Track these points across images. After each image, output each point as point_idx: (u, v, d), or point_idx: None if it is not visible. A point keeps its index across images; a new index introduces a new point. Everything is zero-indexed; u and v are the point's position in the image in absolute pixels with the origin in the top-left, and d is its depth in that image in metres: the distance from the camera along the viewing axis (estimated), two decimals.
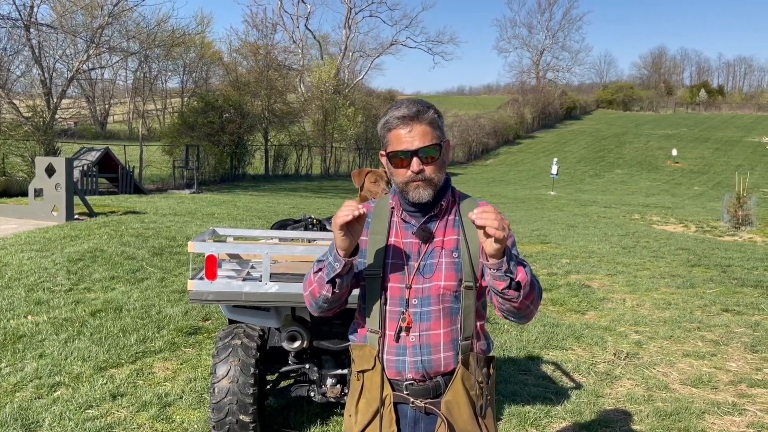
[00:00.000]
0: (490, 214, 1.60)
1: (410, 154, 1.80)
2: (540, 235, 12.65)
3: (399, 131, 1.81)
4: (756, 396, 4.59)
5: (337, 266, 1.81)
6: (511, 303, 1.75)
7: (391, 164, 1.86)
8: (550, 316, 6.61)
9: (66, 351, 4.95)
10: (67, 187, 11.63)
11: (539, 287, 1.84)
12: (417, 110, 1.81)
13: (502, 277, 1.69)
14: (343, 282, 1.85)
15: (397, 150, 1.82)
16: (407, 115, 1.81)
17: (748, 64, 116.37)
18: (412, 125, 1.80)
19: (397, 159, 1.83)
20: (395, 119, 1.82)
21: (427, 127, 1.81)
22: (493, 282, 1.73)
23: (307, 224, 4.43)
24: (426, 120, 1.82)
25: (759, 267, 9.32)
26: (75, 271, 7.41)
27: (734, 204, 14.95)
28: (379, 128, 1.89)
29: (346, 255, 1.80)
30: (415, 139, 1.80)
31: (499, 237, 1.59)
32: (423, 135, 1.80)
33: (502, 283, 1.70)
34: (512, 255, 1.71)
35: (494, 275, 1.71)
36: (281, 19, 49.90)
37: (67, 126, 31.85)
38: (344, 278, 1.84)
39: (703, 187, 34.84)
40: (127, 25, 25.61)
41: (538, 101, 66.95)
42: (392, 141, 1.83)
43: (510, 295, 1.72)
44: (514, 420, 4.06)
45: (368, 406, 1.91)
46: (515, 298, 1.73)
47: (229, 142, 27.95)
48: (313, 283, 1.91)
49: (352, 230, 1.76)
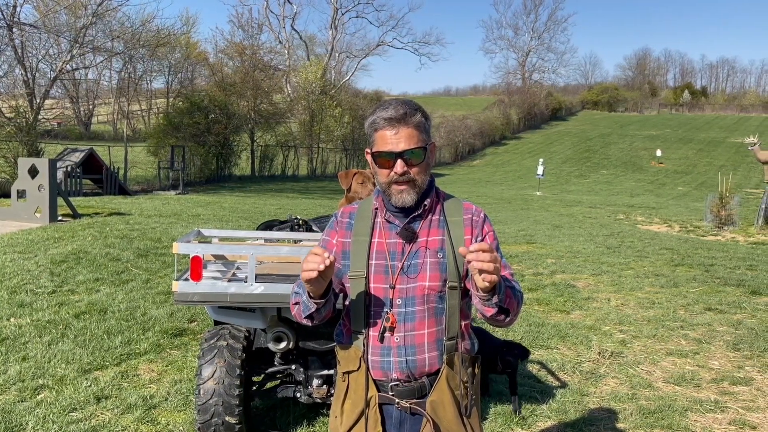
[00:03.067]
0: (486, 255, 1.58)
1: (395, 156, 1.81)
2: (526, 235, 12.71)
3: (385, 132, 1.82)
4: (738, 393, 4.64)
5: (311, 306, 1.83)
6: (496, 322, 1.81)
7: (375, 164, 1.87)
8: (535, 315, 6.65)
9: (49, 353, 4.91)
10: (51, 189, 11.52)
11: (521, 294, 1.87)
12: (404, 112, 1.82)
13: (491, 305, 1.73)
14: (321, 313, 1.87)
15: (381, 150, 1.83)
16: (394, 117, 1.81)
17: (731, 66, 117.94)
18: (398, 127, 1.81)
19: (381, 159, 1.84)
20: (382, 120, 1.82)
21: (413, 130, 1.82)
22: (481, 307, 1.77)
23: (293, 225, 4.43)
24: (413, 123, 1.83)
25: (741, 266, 9.43)
26: (58, 273, 7.35)
27: (717, 204, 15.10)
28: (366, 127, 1.90)
29: (319, 297, 1.81)
30: (400, 142, 1.81)
31: (493, 281, 1.61)
32: (408, 138, 1.81)
33: (491, 310, 1.74)
34: (502, 286, 1.71)
35: (483, 302, 1.74)
36: (267, 19, 49.88)
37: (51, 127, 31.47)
38: (321, 310, 1.86)
39: (686, 187, 35.18)
40: (111, 25, 25.43)
41: (524, 102, 67.30)
42: (378, 141, 1.84)
43: (498, 318, 1.78)
44: (500, 419, 4.08)
45: (354, 407, 1.91)
46: (502, 321, 1.80)
47: (214, 143, 27.85)
48: (294, 309, 1.94)
49: (323, 276, 1.72)
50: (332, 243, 1.97)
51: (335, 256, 1.92)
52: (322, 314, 1.88)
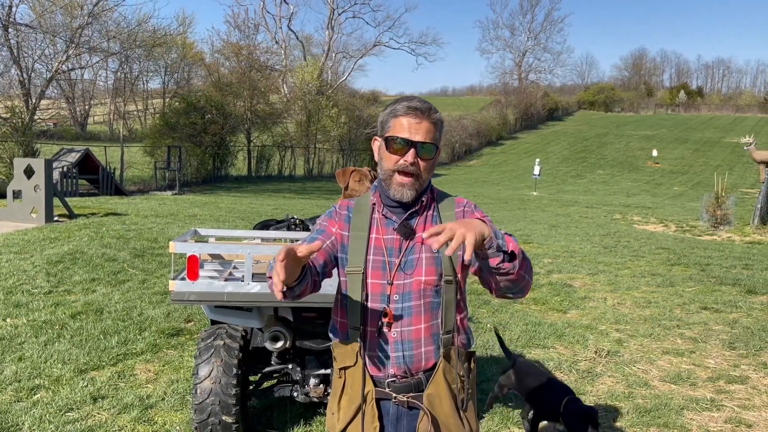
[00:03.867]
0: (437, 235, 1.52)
1: (410, 144, 1.83)
2: (522, 235, 12.73)
3: (405, 120, 1.84)
4: (734, 392, 4.66)
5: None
6: (507, 277, 1.70)
7: (386, 148, 1.87)
8: (532, 315, 6.66)
9: (46, 354, 4.90)
10: (47, 189, 11.50)
11: (527, 256, 1.81)
12: (429, 107, 1.86)
13: (494, 254, 1.64)
14: (294, 291, 1.77)
15: (397, 136, 1.84)
16: (419, 108, 1.84)
17: (726, 66, 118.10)
18: (421, 118, 1.84)
19: (395, 145, 1.84)
20: (407, 108, 1.85)
21: (431, 126, 1.86)
22: (487, 262, 1.68)
23: (289, 225, 4.43)
24: (433, 120, 1.86)
25: (737, 265, 9.46)
26: (55, 273, 7.33)
27: (713, 204, 15.13)
28: (384, 114, 1.91)
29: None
30: (419, 132, 1.83)
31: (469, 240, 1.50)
32: (427, 132, 1.85)
33: (496, 259, 1.65)
34: (497, 232, 1.66)
35: (488, 261, 1.65)
36: (264, 19, 49.76)
37: (47, 127, 31.43)
38: (295, 289, 1.76)
39: (682, 187, 35.25)
40: (107, 25, 25.44)
41: (521, 102, 67.33)
42: (395, 127, 1.85)
43: (506, 267, 1.66)
44: (497, 418, 4.09)
45: (350, 403, 1.91)
46: (512, 270, 1.67)
47: (211, 143, 27.78)
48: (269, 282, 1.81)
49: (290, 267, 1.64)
50: (331, 230, 1.95)
51: (332, 244, 1.92)
52: (296, 292, 1.78)
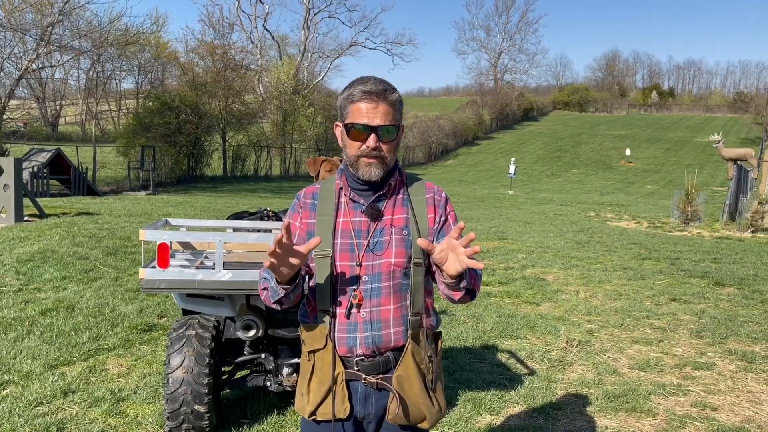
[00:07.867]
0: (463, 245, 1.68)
1: (369, 129, 1.82)
2: (498, 231, 12.84)
3: (362, 105, 1.82)
4: (700, 378, 4.77)
5: (280, 291, 1.83)
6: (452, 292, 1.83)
7: (347, 136, 1.86)
8: (505, 307, 6.73)
9: (15, 350, 4.83)
10: (16, 188, 11.30)
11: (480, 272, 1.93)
12: (384, 89, 1.83)
13: (459, 290, 1.79)
14: (290, 298, 1.87)
15: (356, 123, 1.83)
16: (374, 91, 1.82)
17: (697, 68, 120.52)
18: (377, 102, 1.82)
19: (355, 131, 1.84)
20: (361, 93, 1.82)
21: (389, 108, 1.84)
22: (449, 292, 1.82)
23: (262, 216, 4.42)
24: (390, 101, 1.84)
25: (705, 259, 9.66)
26: (24, 271, 7.22)
27: (683, 201, 15.44)
28: (341, 99, 1.89)
29: (287, 283, 1.81)
30: (377, 116, 1.82)
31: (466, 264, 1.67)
32: (385, 114, 1.83)
33: (458, 294, 1.81)
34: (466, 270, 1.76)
35: (451, 288, 1.80)
36: (239, 19, 49.45)
37: (17, 128, 30.86)
38: (290, 295, 1.86)
39: (655, 185, 35.82)
40: (78, 24, 25.05)
41: (497, 103, 67.79)
42: (353, 113, 1.84)
43: (464, 300, 1.85)
44: (470, 405, 4.13)
45: (320, 385, 1.93)
46: (467, 301, 1.87)
47: (186, 143, 27.50)
48: (263, 294, 1.94)
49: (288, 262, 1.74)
50: (295, 225, 1.97)
51: (300, 238, 1.93)
52: (291, 299, 1.87)
